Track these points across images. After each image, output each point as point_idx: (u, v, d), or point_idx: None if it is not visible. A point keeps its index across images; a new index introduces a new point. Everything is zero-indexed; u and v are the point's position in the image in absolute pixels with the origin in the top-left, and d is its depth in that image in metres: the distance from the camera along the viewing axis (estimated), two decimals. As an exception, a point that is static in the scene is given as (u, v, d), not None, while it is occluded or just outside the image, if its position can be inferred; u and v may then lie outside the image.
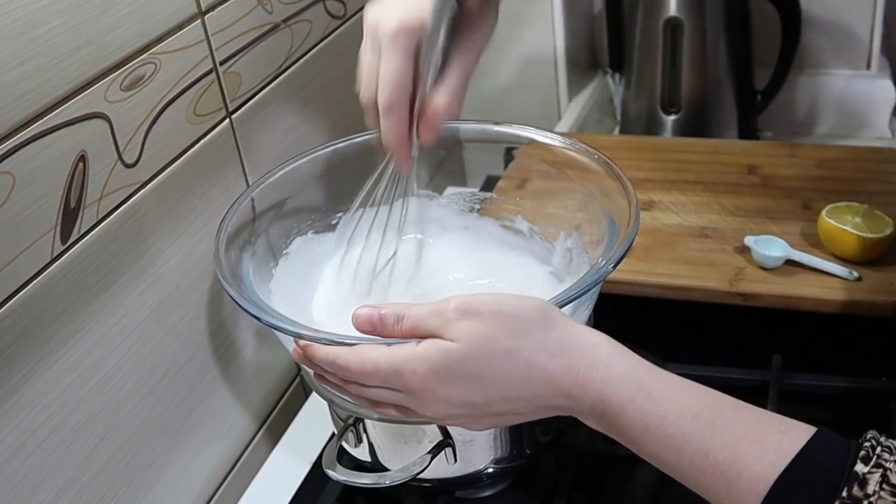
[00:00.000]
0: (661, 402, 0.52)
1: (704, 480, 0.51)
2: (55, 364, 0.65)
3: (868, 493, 0.46)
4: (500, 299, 0.55)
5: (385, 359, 0.55)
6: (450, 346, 0.54)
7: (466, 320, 0.54)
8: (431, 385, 0.54)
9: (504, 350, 0.54)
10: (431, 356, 0.54)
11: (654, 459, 0.53)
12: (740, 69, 1.24)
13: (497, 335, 0.54)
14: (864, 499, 0.46)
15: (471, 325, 0.54)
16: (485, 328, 0.54)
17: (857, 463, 0.48)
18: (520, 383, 0.54)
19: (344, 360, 0.57)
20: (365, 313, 0.57)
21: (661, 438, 0.52)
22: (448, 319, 0.54)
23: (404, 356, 0.55)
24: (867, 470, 0.47)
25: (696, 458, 0.51)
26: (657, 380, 0.53)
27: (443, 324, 0.55)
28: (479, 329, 0.54)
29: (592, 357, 0.54)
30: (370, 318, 0.57)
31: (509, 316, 0.55)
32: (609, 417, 0.53)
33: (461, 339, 0.54)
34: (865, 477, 0.47)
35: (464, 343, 0.54)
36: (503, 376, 0.54)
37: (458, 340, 0.54)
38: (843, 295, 0.85)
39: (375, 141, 0.69)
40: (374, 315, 0.57)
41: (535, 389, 0.54)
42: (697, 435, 0.51)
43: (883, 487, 0.46)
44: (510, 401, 0.55)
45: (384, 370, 0.55)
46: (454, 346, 0.54)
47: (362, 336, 0.58)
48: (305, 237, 0.80)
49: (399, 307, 0.57)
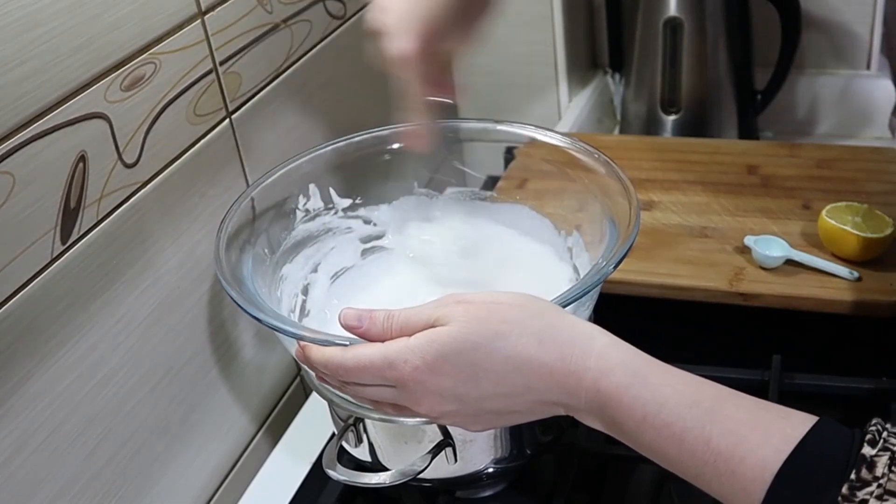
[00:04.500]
0: (659, 388, 0.51)
1: (707, 470, 0.50)
2: (55, 364, 0.65)
3: (877, 475, 0.46)
4: (495, 293, 0.56)
5: (378, 353, 0.55)
6: (440, 331, 0.54)
7: (456, 306, 0.55)
8: (424, 376, 0.54)
9: (493, 333, 0.53)
10: (422, 344, 0.54)
11: (653, 453, 0.52)
12: (740, 69, 1.24)
13: (487, 319, 0.54)
14: (872, 481, 0.45)
15: (462, 309, 0.54)
16: (475, 312, 0.54)
17: (864, 446, 0.47)
18: (512, 375, 0.54)
19: (339, 359, 0.57)
20: (352, 312, 0.57)
21: (660, 427, 0.51)
22: (440, 305, 0.55)
23: (397, 348, 0.55)
24: (874, 453, 0.46)
25: (698, 447, 0.50)
26: (654, 368, 0.53)
27: (434, 309, 0.55)
28: (469, 312, 0.54)
29: (585, 346, 0.53)
30: (358, 316, 0.57)
31: (501, 304, 0.55)
32: (606, 410, 0.52)
33: (451, 322, 0.54)
34: (873, 459, 0.46)
35: (454, 325, 0.54)
36: (495, 367, 0.54)
37: (448, 323, 0.54)
38: (843, 295, 0.85)
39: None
40: (362, 314, 0.57)
41: (527, 381, 0.54)
42: (698, 422, 0.50)
43: (892, 469, 0.46)
44: (504, 396, 0.55)
45: (378, 364, 0.55)
46: (444, 329, 0.54)
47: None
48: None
49: (387, 310, 0.57)
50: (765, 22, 1.24)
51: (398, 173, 0.82)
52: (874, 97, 1.28)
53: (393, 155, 0.81)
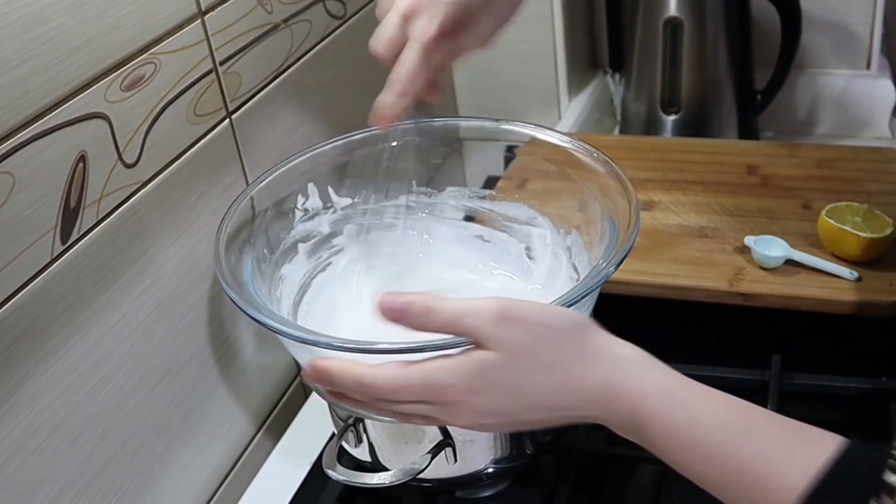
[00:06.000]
0: (693, 411, 0.52)
1: (735, 490, 0.51)
2: (55, 364, 0.65)
3: None
4: (541, 309, 0.55)
5: (418, 374, 0.53)
6: (488, 358, 0.53)
7: (507, 327, 0.52)
8: (467, 397, 0.53)
9: (542, 363, 0.53)
10: (468, 368, 0.53)
11: (683, 469, 0.53)
12: (740, 69, 1.24)
13: (536, 347, 0.53)
14: None
15: (511, 334, 0.53)
16: (524, 338, 0.53)
17: (886, 472, 0.47)
18: (554, 396, 0.54)
19: (370, 380, 0.54)
20: (388, 300, 0.54)
21: (692, 447, 0.52)
22: (487, 321, 0.52)
23: (437, 369, 0.53)
24: None
25: (727, 467, 0.51)
26: (689, 390, 0.54)
27: (481, 325, 0.52)
28: (519, 339, 0.53)
29: (626, 370, 0.54)
30: (393, 305, 0.54)
31: (549, 328, 0.54)
32: (640, 428, 0.53)
33: (501, 349, 0.52)
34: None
35: (503, 352, 0.52)
36: (539, 390, 0.54)
37: (497, 350, 0.53)
38: (843, 295, 0.85)
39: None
40: (397, 302, 0.54)
41: (569, 402, 0.54)
42: (729, 443, 0.51)
43: None
44: (544, 410, 0.55)
45: (417, 386, 0.53)
46: (492, 356, 0.52)
47: (367, 343, 0.57)
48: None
49: (427, 298, 0.54)
50: (765, 22, 1.24)
51: (397, 173, 0.82)
52: (874, 97, 1.28)
53: (392, 154, 0.81)
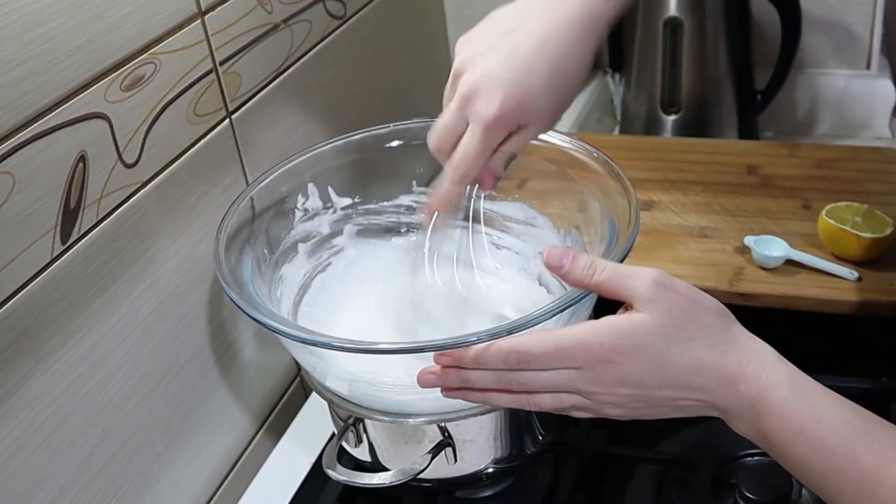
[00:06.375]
0: (818, 406, 0.54)
1: (848, 489, 0.52)
2: (55, 364, 0.65)
3: None
4: (693, 287, 0.57)
5: (569, 336, 0.55)
6: (642, 319, 0.55)
7: (664, 293, 0.55)
8: (617, 357, 0.55)
9: (687, 336, 0.55)
10: (621, 328, 0.55)
11: (801, 466, 0.54)
12: (740, 69, 1.24)
13: (685, 321, 0.55)
14: None
15: (666, 300, 0.55)
16: (677, 308, 0.55)
17: None
18: (690, 372, 0.55)
19: (525, 346, 0.56)
20: (555, 252, 0.58)
21: (814, 441, 0.53)
22: (648, 284, 0.55)
23: (589, 328, 0.55)
24: None
25: (846, 465, 0.52)
26: (814, 386, 0.55)
27: (640, 286, 0.55)
28: (673, 307, 0.55)
29: (761, 359, 0.56)
30: (561, 257, 0.58)
31: (700, 305, 0.56)
32: (764, 419, 0.54)
33: (655, 313, 0.55)
34: None
35: (657, 317, 0.54)
36: (678, 361, 0.55)
37: (651, 313, 0.55)
38: (843, 295, 0.85)
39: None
40: (566, 254, 0.58)
41: (705, 382, 0.55)
42: (849, 440, 0.52)
43: None
44: (675, 388, 0.56)
45: (569, 346, 0.55)
46: (645, 318, 0.54)
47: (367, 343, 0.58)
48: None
49: (591, 256, 0.58)
50: (765, 22, 1.24)
51: (397, 173, 0.82)
52: (874, 97, 1.28)
53: (392, 154, 0.81)
